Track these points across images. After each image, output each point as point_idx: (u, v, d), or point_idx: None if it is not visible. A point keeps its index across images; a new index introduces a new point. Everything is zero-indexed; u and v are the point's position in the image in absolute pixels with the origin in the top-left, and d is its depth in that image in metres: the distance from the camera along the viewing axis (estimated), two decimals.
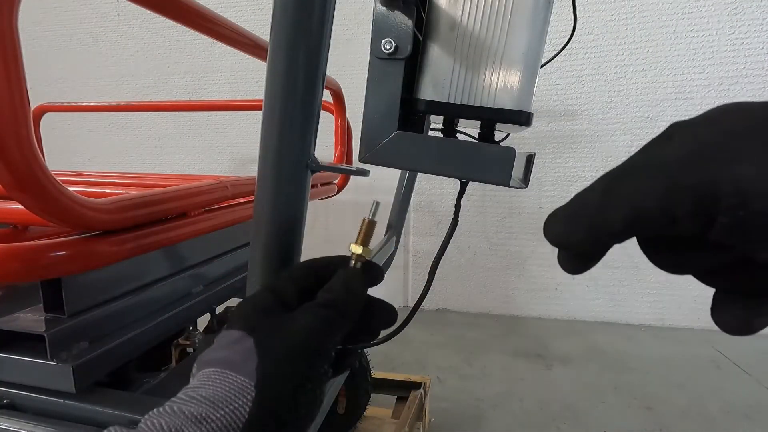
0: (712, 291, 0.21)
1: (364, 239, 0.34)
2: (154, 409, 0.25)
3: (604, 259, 0.22)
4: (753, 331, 0.20)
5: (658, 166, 0.18)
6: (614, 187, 0.19)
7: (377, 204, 0.35)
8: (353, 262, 0.34)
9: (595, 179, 0.21)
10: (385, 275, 1.10)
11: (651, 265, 0.22)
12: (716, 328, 0.20)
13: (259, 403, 0.25)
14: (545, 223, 0.22)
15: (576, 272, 0.23)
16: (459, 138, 0.38)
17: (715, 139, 0.17)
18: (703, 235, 0.17)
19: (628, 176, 0.19)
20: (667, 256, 0.21)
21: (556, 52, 0.49)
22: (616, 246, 0.20)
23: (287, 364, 0.26)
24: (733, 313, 0.20)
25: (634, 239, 0.21)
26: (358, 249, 0.34)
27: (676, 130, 0.19)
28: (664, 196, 0.17)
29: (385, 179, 1.20)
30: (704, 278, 0.21)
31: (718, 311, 0.21)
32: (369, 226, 0.34)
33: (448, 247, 0.49)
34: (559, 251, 0.23)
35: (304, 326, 0.28)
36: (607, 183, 0.20)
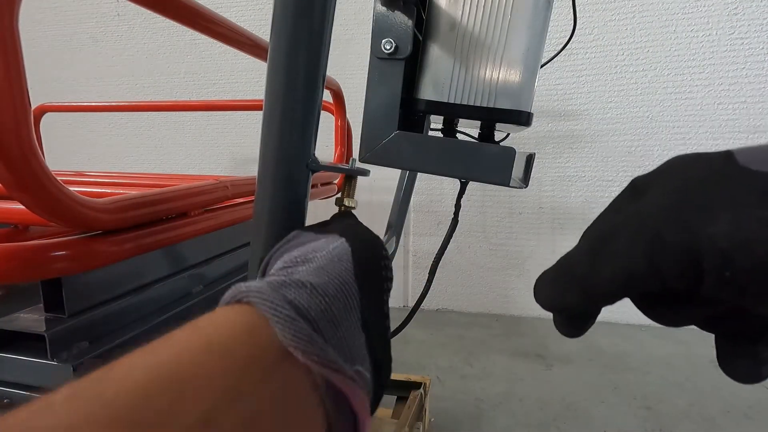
0: None
1: (350, 192, 0.40)
2: (278, 278, 0.24)
3: None
4: (763, 378, 0.19)
5: (638, 225, 0.18)
6: (599, 247, 0.19)
7: (353, 160, 0.38)
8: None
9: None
10: None
11: None
12: None
13: (359, 261, 0.27)
14: (535, 288, 0.23)
15: (575, 335, 0.23)
16: (459, 138, 0.38)
17: (684, 194, 0.17)
18: (695, 290, 0.17)
19: (610, 236, 0.19)
20: (662, 311, 0.21)
21: (556, 52, 0.49)
22: None
23: (373, 240, 0.30)
24: (741, 363, 0.20)
25: None
26: (351, 202, 0.39)
27: (641, 184, 0.20)
28: (649, 255, 0.17)
29: (385, 179, 1.20)
30: (705, 327, 0.21)
31: (724, 360, 0.21)
32: (349, 180, 0.39)
33: (448, 247, 0.49)
34: (554, 315, 0.23)
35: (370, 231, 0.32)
36: (592, 245, 0.20)
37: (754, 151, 0.18)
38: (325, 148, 0.97)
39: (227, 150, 2.23)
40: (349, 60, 1.81)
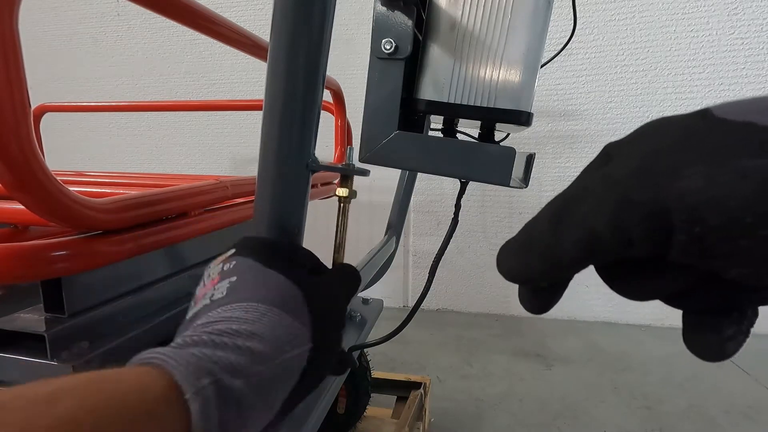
0: None
1: (346, 183, 0.40)
2: (193, 333, 0.24)
3: None
4: (727, 356, 0.19)
5: (604, 187, 0.17)
6: (563, 212, 0.19)
7: (351, 148, 0.37)
8: (341, 205, 0.39)
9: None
10: (385, 275, 1.09)
11: None
12: None
13: (313, 359, 0.26)
14: (498, 258, 0.21)
15: (540, 311, 0.22)
16: (459, 138, 0.38)
17: (655, 154, 0.16)
18: (662, 256, 0.16)
19: (575, 200, 0.18)
20: (628, 282, 0.20)
21: (556, 52, 0.49)
22: None
23: (332, 324, 0.29)
24: (706, 339, 0.19)
25: None
26: (342, 192, 0.39)
27: (613, 149, 0.19)
28: (616, 216, 0.16)
29: (385, 179, 1.20)
30: (671, 302, 0.20)
31: (689, 336, 0.20)
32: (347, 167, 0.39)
33: (448, 247, 0.49)
34: (519, 288, 0.22)
35: (340, 292, 0.31)
36: (555, 210, 0.19)
37: (732, 104, 0.17)
38: (325, 148, 0.97)
39: (227, 150, 2.23)
40: (349, 60, 1.81)
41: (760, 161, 0.14)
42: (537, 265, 0.19)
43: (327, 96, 1.09)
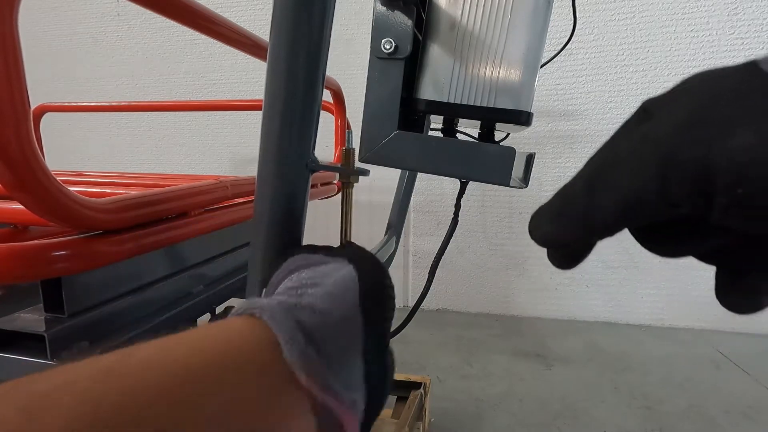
0: (711, 291, 0.21)
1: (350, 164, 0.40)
2: (289, 299, 0.26)
3: (604, 259, 0.22)
4: (762, 308, 0.19)
5: (645, 146, 0.16)
6: (601, 175, 0.18)
7: (350, 133, 0.37)
8: (346, 191, 0.39)
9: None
10: None
11: (651, 265, 0.22)
12: (716, 327, 0.20)
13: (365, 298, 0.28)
14: (531, 224, 0.21)
15: (568, 267, 0.22)
16: (459, 138, 0.38)
17: (702, 110, 0.15)
18: (701, 217, 0.16)
19: (612, 163, 0.17)
20: (662, 242, 0.19)
21: (556, 52, 0.49)
22: (617, 246, 0.20)
23: (380, 270, 0.30)
24: (741, 293, 0.19)
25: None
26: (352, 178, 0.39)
27: (653, 106, 0.18)
28: (658, 178, 0.15)
29: (385, 179, 1.20)
30: (704, 259, 0.20)
31: (723, 291, 0.19)
32: (347, 155, 0.39)
33: (448, 247, 0.49)
34: (548, 249, 0.22)
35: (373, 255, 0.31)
36: (592, 172, 0.18)
37: None
38: (325, 148, 0.97)
39: (227, 150, 2.23)
40: (349, 60, 1.81)
41: None
42: (573, 231, 0.19)
43: (327, 96, 1.09)
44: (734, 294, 0.19)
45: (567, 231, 0.19)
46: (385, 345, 0.29)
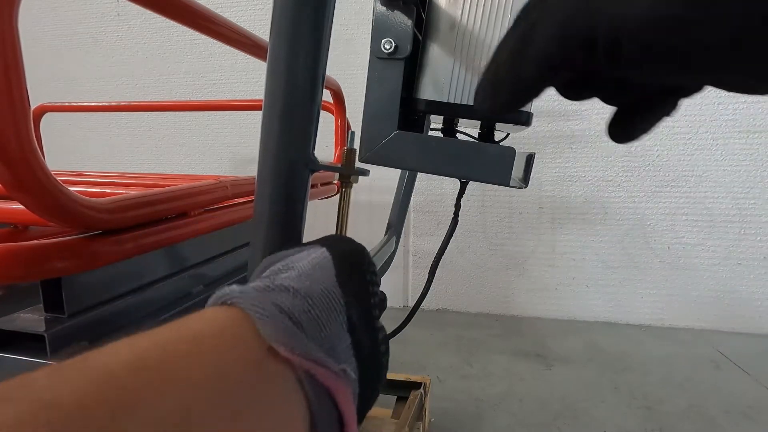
0: (711, 291, 0.21)
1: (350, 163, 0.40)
2: (262, 283, 0.26)
3: (604, 259, 0.23)
4: (632, 139, 0.24)
5: (549, 18, 0.20)
6: (520, 47, 0.22)
7: (352, 133, 0.37)
8: (345, 190, 0.38)
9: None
10: (385, 275, 1.09)
11: (651, 265, 0.23)
12: (716, 327, 0.20)
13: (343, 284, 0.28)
14: (476, 100, 0.25)
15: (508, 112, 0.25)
16: (459, 138, 0.38)
17: None
18: (599, 69, 0.20)
19: (527, 36, 0.21)
20: (574, 91, 0.24)
21: None
22: (616, 246, 0.20)
23: (355, 248, 0.31)
24: (622, 126, 0.24)
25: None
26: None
27: None
28: (559, 42, 0.20)
29: (385, 179, 1.20)
30: (607, 101, 0.25)
31: (612, 125, 0.25)
32: (349, 155, 0.38)
33: (448, 247, 0.49)
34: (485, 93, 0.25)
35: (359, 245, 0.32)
36: (513, 46, 0.22)
37: None
38: (325, 148, 0.97)
39: (227, 150, 2.23)
40: (349, 60, 1.81)
41: None
42: (510, 95, 0.23)
43: (327, 96, 1.09)
44: (618, 127, 0.25)
45: (506, 97, 0.23)
46: (372, 319, 0.29)
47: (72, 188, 0.38)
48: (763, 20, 0.14)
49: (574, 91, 0.24)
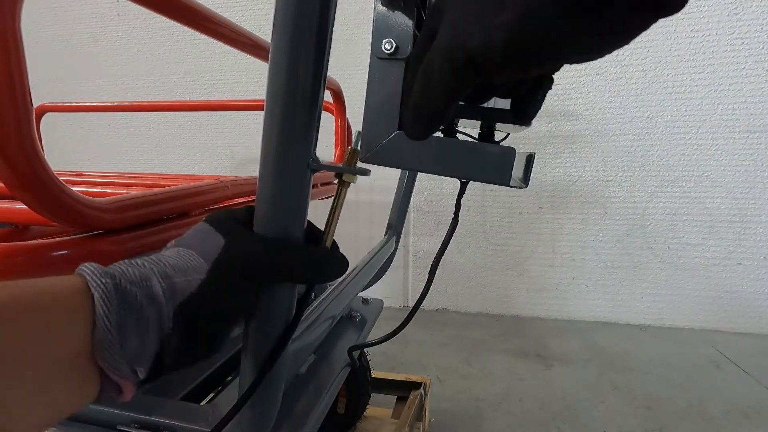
0: (711, 291, 0.21)
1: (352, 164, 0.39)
2: (128, 260, 0.31)
3: (604, 259, 0.23)
4: (533, 116, 0.31)
5: (439, 55, 0.25)
6: (426, 83, 0.26)
7: (359, 133, 0.37)
8: (341, 189, 0.38)
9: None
10: (385, 275, 1.09)
11: (651, 265, 0.23)
12: (716, 327, 0.21)
13: (203, 286, 0.31)
14: (406, 131, 0.30)
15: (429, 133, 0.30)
16: (459, 138, 0.38)
17: (452, 27, 0.24)
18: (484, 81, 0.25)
19: (430, 71, 0.26)
20: (475, 98, 0.31)
21: None
22: (616, 246, 0.21)
23: (234, 271, 0.32)
24: (516, 111, 0.32)
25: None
26: (351, 178, 0.38)
27: (434, 21, 0.26)
28: (451, 67, 0.24)
29: (385, 179, 1.20)
30: (503, 96, 0.31)
31: (513, 112, 0.32)
32: (352, 155, 0.38)
33: (448, 247, 0.49)
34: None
35: (262, 246, 0.34)
36: (422, 85, 0.27)
37: None
38: (325, 148, 0.97)
39: (227, 150, 2.23)
40: (349, 60, 1.81)
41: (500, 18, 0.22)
42: (430, 123, 0.28)
43: (327, 96, 1.09)
44: (517, 111, 0.31)
45: (429, 122, 0.28)
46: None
47: (73, 188, 0.38)
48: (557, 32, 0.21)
49: (476, 98, 0.31)
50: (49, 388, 0.25)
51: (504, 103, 0.34)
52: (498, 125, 0.37)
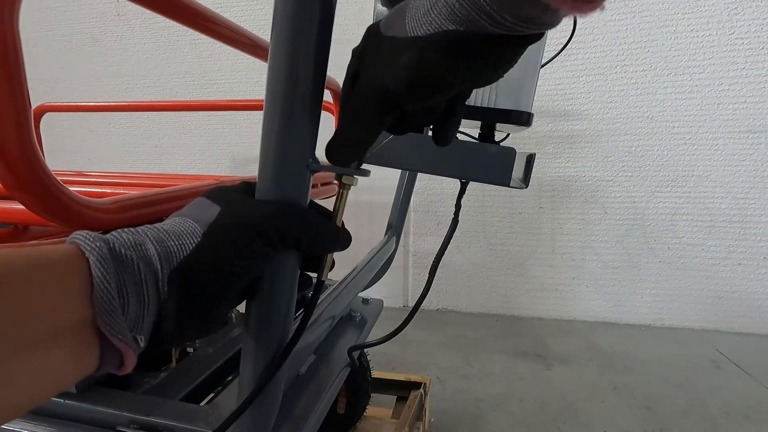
0: (711, 291, 0.21)
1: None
2: (121, 228, 0.31)
3: (604, 259, 0.23)
4: (446, 143, 0.34)
5: (362, 96, 0.32)
6: (356, 115, 0.32)
7: None
8: (342, 191, 0.38)
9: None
10: (385, 275, 1.09)
11: (651, 265, 0.23)
12: (716, 327, 0.21)
13: (199, 248, 0.30)
14: (329, 158, 0.34)
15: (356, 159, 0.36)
16: (459, 138, 0.38)
17: (371, 67, 0.32)
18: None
19: (357, 109, 0.32)
20: (402, 127, 0.34)
21: (556, 52, 0.49)
22: (616, 246, 0.21)
23: (232, 230, 0.31)
24: (437, 135, 0.34)
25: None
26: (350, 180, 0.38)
27: (356, 69, 0.34)
28: (376, 103, 0.31)
29: (385, 179, 1.20)
30: (426, 124, 0.34)
31: (434, 135, 0.34)
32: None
33: (448, 247, 0.49)
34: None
35: (262, 210, 0.33)
36: (349, 117, 0.33)
37: (387, 19, 0.31)
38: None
39: (227, 150, 2.23)
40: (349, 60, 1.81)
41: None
42: (356, 150, 0.33)
43: (327, 96, 1.09)
44: (437, 135, 0.33)
45: (353, 152, 0.33)
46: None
47: (72, 188, 0.38)
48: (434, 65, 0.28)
49: (398, 128, 0.34)
50: (49, 359, 0.24)
51: (504, 103, 0.34)
52: (498, 125, 0.37)
